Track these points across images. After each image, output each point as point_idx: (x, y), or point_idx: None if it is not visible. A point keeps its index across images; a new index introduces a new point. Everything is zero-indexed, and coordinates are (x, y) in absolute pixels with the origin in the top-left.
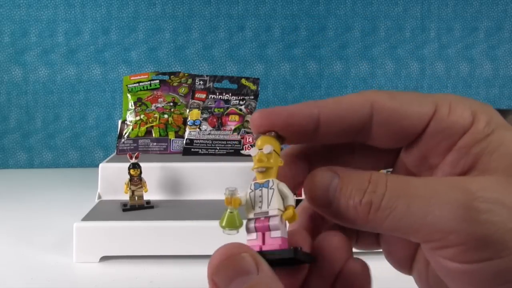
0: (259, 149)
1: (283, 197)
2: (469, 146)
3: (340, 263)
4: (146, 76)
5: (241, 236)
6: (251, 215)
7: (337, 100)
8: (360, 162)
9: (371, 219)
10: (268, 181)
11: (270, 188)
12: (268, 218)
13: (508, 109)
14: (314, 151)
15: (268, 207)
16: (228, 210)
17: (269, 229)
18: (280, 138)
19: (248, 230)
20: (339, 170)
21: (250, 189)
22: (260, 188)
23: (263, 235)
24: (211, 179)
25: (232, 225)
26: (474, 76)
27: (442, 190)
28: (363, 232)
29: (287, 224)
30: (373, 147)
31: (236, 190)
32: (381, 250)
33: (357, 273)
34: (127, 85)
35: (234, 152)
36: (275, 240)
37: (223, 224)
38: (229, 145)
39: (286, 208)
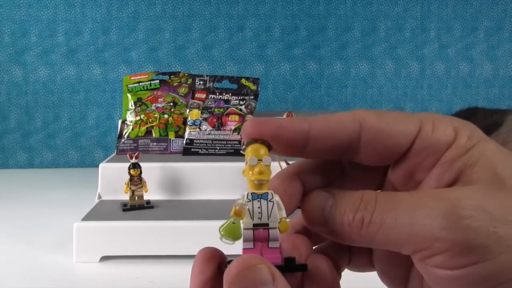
0: (258, 159)
1: (279, 209)
2: (452, 160)
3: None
4: (146, 76)
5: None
6: (249, 225)
7: (327, 118)
8: (350, 183)
9: (363, 234)
10: (267, 193)
11: (270, 201)
12: (267, 229)
13: (508, 109)
14: (307, 172)
15: (268, 219)
16: (231, 220)
17: (268, 239)
18: (268, 147)
19: (246, 239)
20: (334, 191)
21: (248, 198)
22: (259, 199)
23: (260, 244)
24: (211, 179)
25: (232, 236)
26: (474, 76)
27: (426, 201)
28: (356, 253)
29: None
30: (363, 168)
31: (245, 205)
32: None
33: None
34: (127, 85)
35: (234, 152)
36: (273, 250)
37: (223, 232)
38: (229, 145)
39: (280, 220)
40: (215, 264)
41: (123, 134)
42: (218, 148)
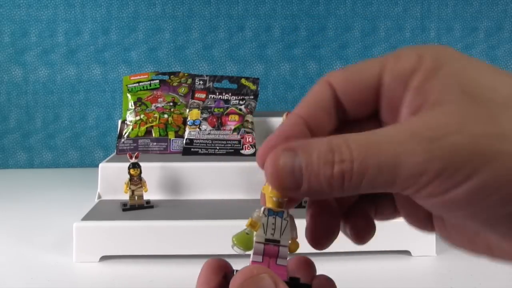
0: None
1: (292, 229)
2: (419, 85)
3: None
4: (146, 76)
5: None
6: (261, 239)
7: (305, 100)
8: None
9: (346, 187)
10: (283, 211)
11: (284, 219)
12: (278, 246)
13: None
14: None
15: (280, 237)
16: (246, 231)
17: (277, 256)
18: None
19: (256, 252)
20: (295, 146)
21: (264, 214)
22: (274, 216)
23: (269, 259)
24: (211, 179)
25: (244, 246)
26: None
27: (402, 140)
28: (381, 204)
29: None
30: (357, 123)
31: (261, 218)
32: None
33: None
34: (127, 85)
35: (234, 152)
36: (280, 267)
37: (236, 241)
38: (229, 145)
39: (291, 239)
40: (221, 274)
41: (123, 134)
42: (218, 148)
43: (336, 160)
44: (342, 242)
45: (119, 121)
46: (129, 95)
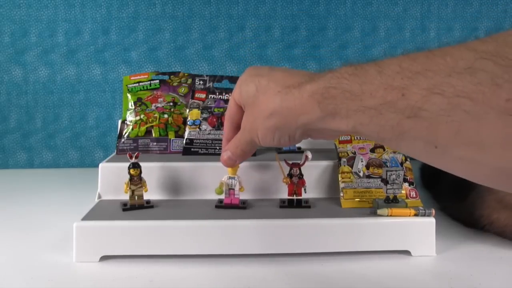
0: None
1: (239, 183)
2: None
3: None
4: (146, 76)
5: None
6: (227, 188)
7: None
8: None
9: (242, 156)
10: (235, 177)
11: (235, 180)
12: (233, 190)
13: None
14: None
15: (235, 187)
16: (221, 185)
17: (234, 194)
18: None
19: (226, 193)
20: (227, 148)
21: (227, 178)
22: (231, 179)
23: (230, 195)
24: (211, 179)
25: (220, 192)
26: None
27: (241, 133)
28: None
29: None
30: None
31: (227, 179)
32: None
33: None
34: (127, 85)
35: None
36: (235, 198)
37: (217, 191)
38: None
39: (240, 187)
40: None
41: (123, 134)
42: (218, 148)
43: (234, 150)
44: (343, 242)
45: (119, 121)
46: (129, 95)
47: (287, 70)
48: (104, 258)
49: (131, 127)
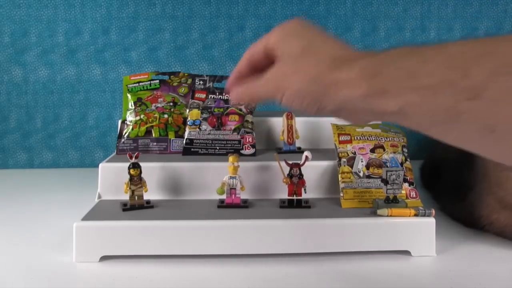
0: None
1: (240, 183)
2: (273, 53)
3: None
4: (146, 76)
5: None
6: (228, 187)
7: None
8: None
9: (261, 98)
10: (236, 176)
11: (236, 179)
12: (235, 189)
13: None
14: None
15: (236, 187)
16: (222, 186)
17: (235, 194)
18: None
19: (227, 193)
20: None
21: (228, 178)
22: (232, 178)
23: (232, 195)
24: (211, 179)
25: (221, 193)
26: None
27: (264, 81)
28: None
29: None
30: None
31: (227, 179)
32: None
33: None
34: (127, 85)
35: (234, 152)
36: (237, 197)
37: (218, 191)
38: (229, 145)
39: (241, 187)
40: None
41: (123, 134)
42: (218, 148)
43: (245, 95)
44: (343, 242)
45: (119, 121)
46: (129, 95)
47: (339, 41)
48: (104, 258)
49: (131, 127)
